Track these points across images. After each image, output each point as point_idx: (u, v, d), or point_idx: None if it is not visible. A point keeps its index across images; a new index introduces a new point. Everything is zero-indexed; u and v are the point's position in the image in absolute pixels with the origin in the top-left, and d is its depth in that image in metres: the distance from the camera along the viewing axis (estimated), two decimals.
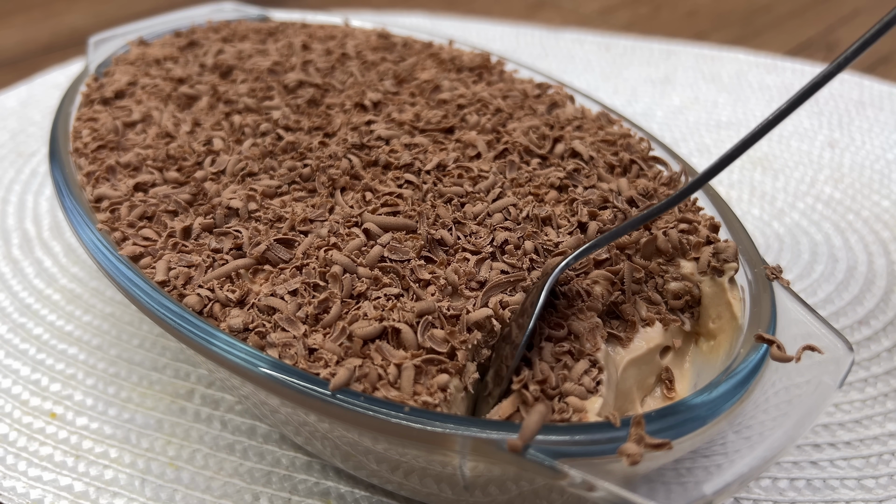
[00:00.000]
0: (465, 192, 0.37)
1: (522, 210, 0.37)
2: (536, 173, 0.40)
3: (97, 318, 0.50)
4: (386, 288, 0.33)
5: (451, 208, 0.37)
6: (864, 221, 0.60)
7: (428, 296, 0.32)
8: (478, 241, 0.35)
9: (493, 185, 0.38)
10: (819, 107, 0.76)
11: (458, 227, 0.36)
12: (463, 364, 0.30)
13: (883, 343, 0.48)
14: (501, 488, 0.31)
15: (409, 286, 0.33)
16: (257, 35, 0.58)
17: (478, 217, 0.36)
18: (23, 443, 0.41)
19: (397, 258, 0.34)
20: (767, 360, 0.30)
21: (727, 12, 1.05)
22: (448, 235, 0.35)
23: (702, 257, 0.36)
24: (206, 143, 0.44)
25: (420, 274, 0.33)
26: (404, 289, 0.33)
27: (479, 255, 0.34)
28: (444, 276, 0.33)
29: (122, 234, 0.37)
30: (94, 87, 0.50)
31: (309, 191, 0.40)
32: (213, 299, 0.33)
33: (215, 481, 0.39)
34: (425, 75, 0.51)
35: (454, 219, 0.36)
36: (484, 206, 0.37)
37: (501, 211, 0.36)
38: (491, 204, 0.37)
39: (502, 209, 0.37)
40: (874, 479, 0.40)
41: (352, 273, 0.33)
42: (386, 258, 0.34)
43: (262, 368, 0.29)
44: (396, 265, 0.33)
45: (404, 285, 0.33)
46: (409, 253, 0.34)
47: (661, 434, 0.26)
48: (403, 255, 0.34)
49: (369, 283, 0.33)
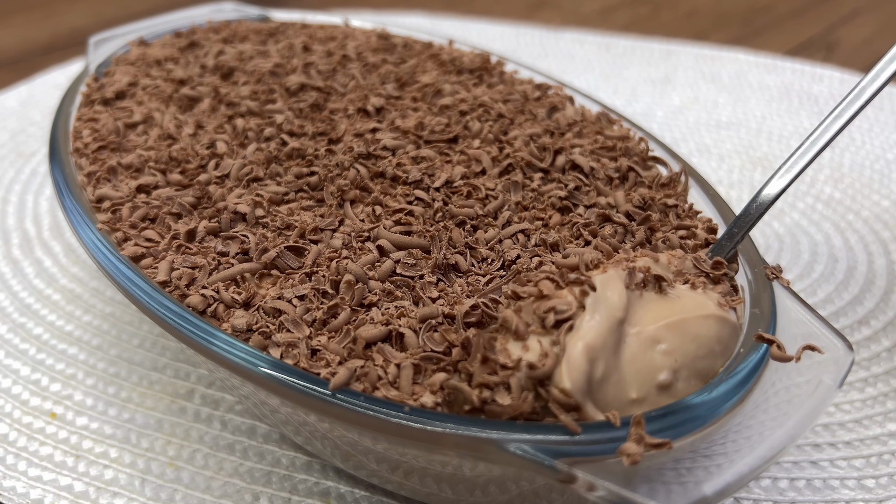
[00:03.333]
0: (476, 215, 0.38)
1: (531, 237, 0.37)
2: (540, 190, 0.40)
3: (97, 318, 0.50)
4: (397, 301, 0.33)
5: (464, 233, 0.37)
6: (864, 221, 0.60)
7: (436, 306, 0.32)
8: (489, 267, 0.35)
9: (501, 207, 0.39)
10: (819, 106, 0.76)
11: (472, 251, 0.36)
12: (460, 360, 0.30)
13: (883, 343, 0.49)
14: (501, 488, 0.31)
15: (419, 298, 0.33)
16: (258, 36, 0.58)
17: (489, 243, 0.37)
18: (23, 443, 0.41)
19: (410, 275, 0.34)
20: (767, 359, 0.30)
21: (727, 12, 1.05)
22: (462, 261, 0.35)
23: None
24: (210, 146, 0.44)
25: (431, 291, 0.33)
26: (415, 302, 0.33)
27: (489, 276, 0.35)
28: (452, 293, 0.34)
29: (124, 234, 0.37)
30: (95, 88, 0.50)
31: (317, 200, 0.40)
32: (217, 300, 0.33)
33: (215, 481, 0.39)
34: (426, 78, 0.51)
35: (466, 243, 0.36)
36: (495, 231, 0.37)
37: (511, 237, 0.37)
38: (501, 230, 0.38)
39: (512, 235, 0.37)
40: (874, 479, 0.40)
41: (363, 283, 0.33)
42: (399, 273, 0.34)
43: (262, 368, 0.29)
44: (408, 279, 0.34)
45: (415, 298, 0.33)
46: (422, 270, 0.34)
47: (662, 434, 0.26)
48: (416, 272, 0.34)
49: (381, 294, 0.33)
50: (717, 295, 0.32)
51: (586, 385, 0.27)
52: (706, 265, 0.34)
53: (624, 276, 0.31)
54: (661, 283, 0.31)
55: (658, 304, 0.31)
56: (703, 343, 0.30)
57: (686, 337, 0.29)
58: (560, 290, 0.30)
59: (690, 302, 0.31)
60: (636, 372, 0.29)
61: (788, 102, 0.78)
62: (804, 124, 0.73)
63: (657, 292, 0.31)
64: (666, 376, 0.29)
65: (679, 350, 0.29)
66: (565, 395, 0.27)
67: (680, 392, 0.29)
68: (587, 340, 0.28)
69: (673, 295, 0.31)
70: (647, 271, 0.31)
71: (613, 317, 0.29)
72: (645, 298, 0.31)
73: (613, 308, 0.29)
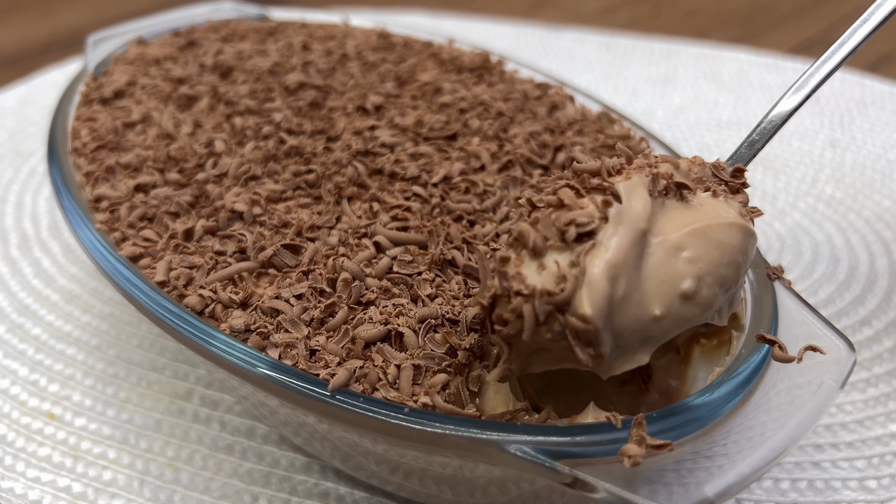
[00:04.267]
0: (473, 210, 0.38)
1: None
2: (540, 186, 0.40)
3: (96, 319, 0.50)
4: (395, 298, 0.33)
5: (461, 228, 0.37)
6: (866, 221, 0.60)
7: (435, 305, 0.32)
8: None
9: (499, 202, 0.39)
10: (820, 106, 0.76)
11: (469, 247, 0.36)
12: (465, 363, 0.30)
13: (885, 343, 0.48)
14: (502, 489, 0.31)
15: (417, 296, 0.33)
16: (257, 35, 0.58)
17: (486, 238, 0.36)
18: (21, 443, 0.41)
19: (407, 272, 0.34)
20: (769, 360, 0.30)
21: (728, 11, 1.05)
22: (460, 256, 0.35)
23: None
24: (208, 144, 0.44)
25: (426, 289, 0.33)
26: (413, 299, 0.33)
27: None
28: (450, 290, 0.33)
29: (122, 234, 0.37)
30: (93, 87, 0.50)
31: (314, 197, 0.40)
32: (215, 300, 0.33)
33: (214, 482, 0.39)
34: (426, 77, 0.51)
35: (464, 238, 0.36)
36: (493, 226, 0.37)
37: (508, 232, 0.37)
38: (499, 225, 0.37)
39: (509, 231, 0.37)
40: (876, 480, 0.39)
41: (361, 281, 0.33)
42: (396, 271, 0.34)
43: (261, 369, 0.29)
44: (406, 277, 0.34)
45: (413, 296, 0.33)
46: (420, 267, 0.34)
47: (663, 435, 0.26)
48: (413, 269, 0.34)
49: (378, 292, 0.33)
50: (737, 204, 0.30)
51: (607, 307, 0.25)
52: (726, 174, 0.32)
53: (647, 183, 0.28)
54: (682, 191, 0.29)
55: (680, 211, 0.29)
56: (726, 250, 0.28)
57: (711, 244, 0.28)
58: (581, 199, 0.27)
59: (712, 209, 0.29)
60: (659, 283, 0.27)
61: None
62: (805, 123, 0.73)
63: (678, 200, 0.29)
64: (690, 284, 0.27)
65: (704, 257, 0.27)
66: (584, 322, 0.25)
67: (703, 299, 0.27)
68: (609, 258, 0.25)
69: (695, 203, 0.29)
70: (669, 178, 0.29)
71: (637, 228, 0.26)
72: (667, 206, 0.28)
73: (638, 219, 0.26)
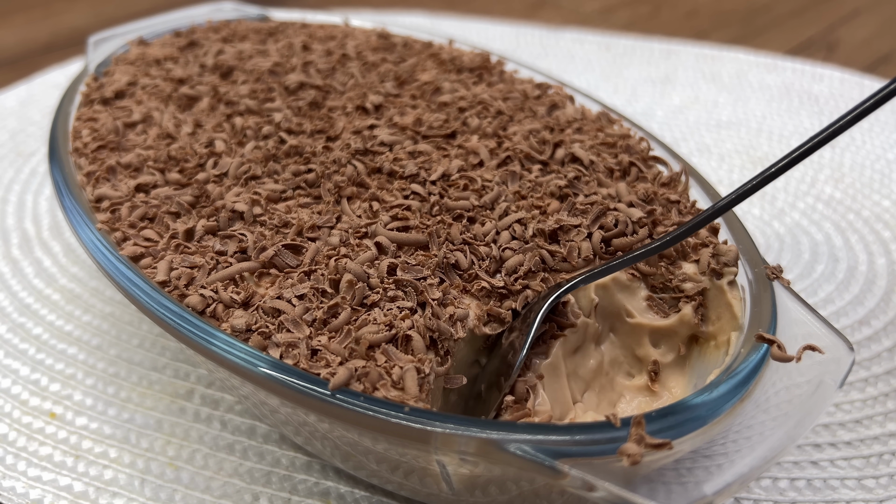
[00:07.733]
0: (472, 206, 0.38)
1: (528, 227, 0.37)
2: (539, 181, 0.40)
3: (97, 318, 0.50)
4: (399, 301, 0.32)
5: (461, 227, 0.37)
6: (865, 221, 0.60)
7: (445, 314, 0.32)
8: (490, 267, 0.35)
9: (497, 197, 0.38)
10: (819, 106, 0.76)
11: (471, 248, 0.36)
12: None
13: (883, 343, 0.48)
14: (502, 488, 0.31)
15: (425, 301, 0.33)
16: (257, 35, 0.58)
17: (487, 236, 0.36)
18: (22, 443, 0.41)
19: (411, 276, 0.34)
20: (768, 359, 0.30)
21: (727, 12, 1.05)
22: (463, 258, 0.35)
23: (701, 259, 0.36)
24: (208, 144, 0.44)
25: (434, 293, 0.33)
26: (419, 304, 0.33)
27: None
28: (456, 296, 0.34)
29: (123, 234, 0.37)
30: (94, 87, 0.50)
31: (314, 197, 0.40)
32: (216, 300, 0.33)
33: (215, 481, 0.39)
34: (426, 76, 0.51)
35: (464, 239, 0.36)
36: (492, 224, 0.37)
37: (508, 228, 0.37)
38: (498, 221, 0.37)
39: (509, 226, 0.37)
40: (875, 479, 0.39)
41: (364, 282, 0.33)
42: (398, 273, 0.34)
43: (262, 368, 0.29)
44: (412, 280, 0.33)
45: (420, 300, 0.33)
46: (424, 271, 0.34)
47: (662, 434, 0.26)
48: (417, 273, 0.34)
49: (381, 294, 0.33)
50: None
51: None
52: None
53: None
54: None
55: None
56: None
57: None
58: None
59: None
60: None
61: (789, 102, 0.77)
62: (804, 124, 0.73)
63: None
64: None
65: None
66: None
67: None
68: None
69: None
70: None
71: None
72: None
73: None
